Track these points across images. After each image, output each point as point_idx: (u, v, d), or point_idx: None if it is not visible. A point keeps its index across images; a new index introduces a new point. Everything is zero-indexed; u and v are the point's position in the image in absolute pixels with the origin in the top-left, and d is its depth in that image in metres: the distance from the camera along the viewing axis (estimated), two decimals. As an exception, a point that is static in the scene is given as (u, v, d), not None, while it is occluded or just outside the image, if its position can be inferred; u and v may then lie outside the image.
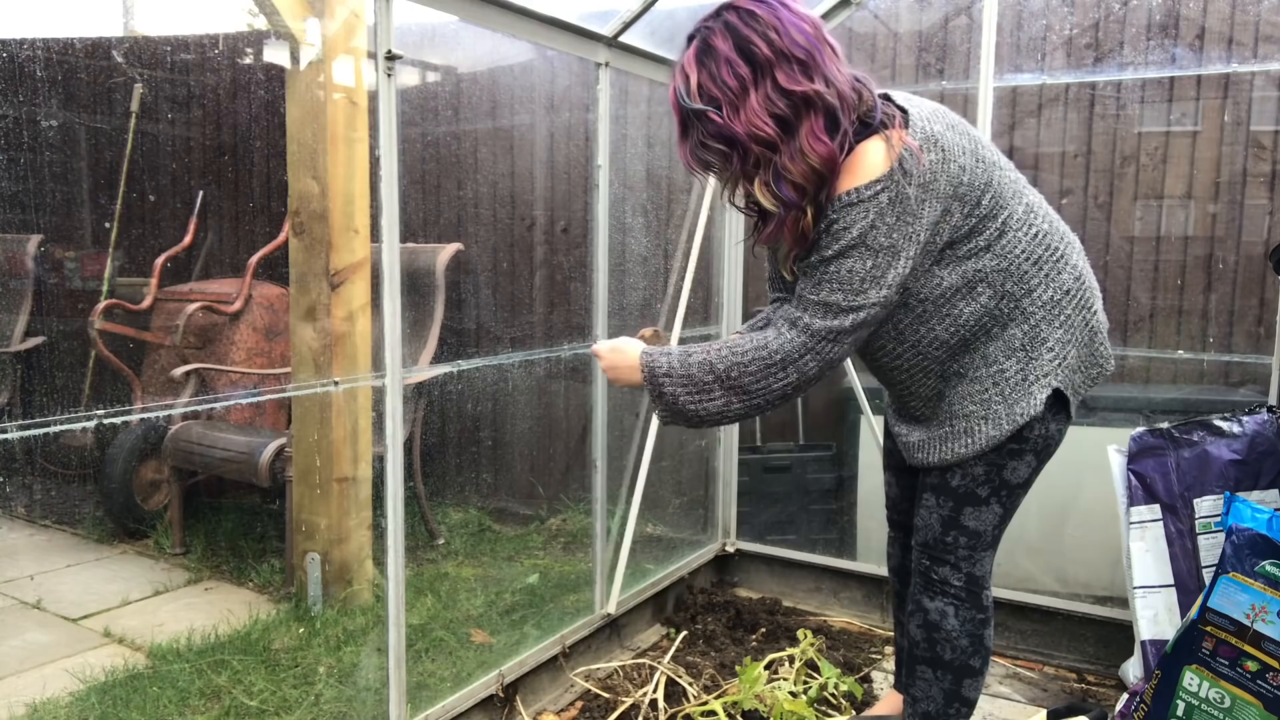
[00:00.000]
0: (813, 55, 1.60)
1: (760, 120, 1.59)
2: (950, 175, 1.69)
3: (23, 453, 4.69)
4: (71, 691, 2.69)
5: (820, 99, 1.60)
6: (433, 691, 2.46)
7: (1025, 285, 1.81)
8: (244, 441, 3.60)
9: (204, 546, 3.82)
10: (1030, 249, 1.81)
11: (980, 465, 1.91)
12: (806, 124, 1.60)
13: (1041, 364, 1.84)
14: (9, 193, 4.67)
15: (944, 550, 1.99)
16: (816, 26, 1.63)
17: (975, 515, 1.95)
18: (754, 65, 1.59)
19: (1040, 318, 1.83)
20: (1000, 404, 1.85)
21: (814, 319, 1.70)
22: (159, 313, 4.43)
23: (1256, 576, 2.04)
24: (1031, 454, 1.91)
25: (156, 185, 5.16)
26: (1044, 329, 1.83)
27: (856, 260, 1.66)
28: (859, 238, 1.64)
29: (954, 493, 1.96)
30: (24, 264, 4.77)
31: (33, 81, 4.64)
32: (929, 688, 2.05)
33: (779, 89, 1.59)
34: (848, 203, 1.64)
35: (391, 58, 2.06)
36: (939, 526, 1.98)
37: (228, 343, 4.25)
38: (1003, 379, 1.84)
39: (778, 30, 1.59)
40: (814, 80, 1.60)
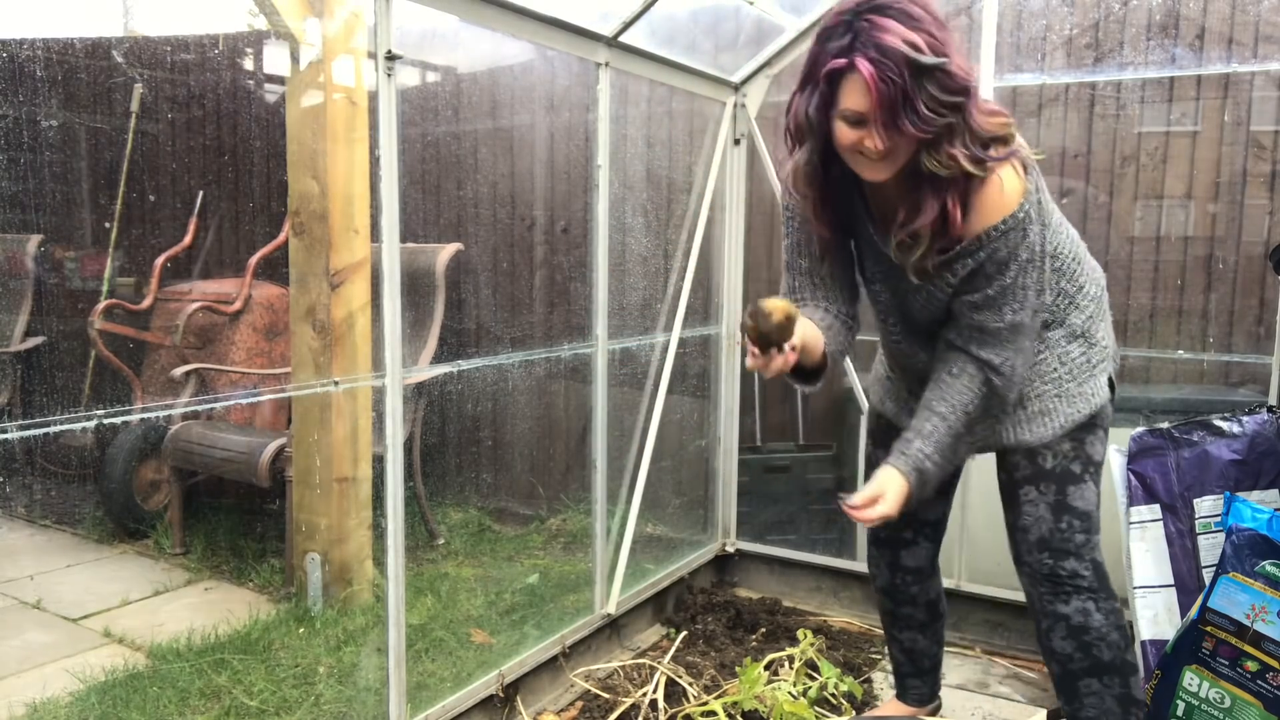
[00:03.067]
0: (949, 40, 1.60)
1: (965, 73, 1.58)
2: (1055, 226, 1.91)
3: (23, 453, 4.68)
4: (71, 691, 2.69)
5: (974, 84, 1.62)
6: (433, 691, 2.46)
7: (1076, 283, 1.95)
8: (244, 441, 3.60)
9: (204, 546, 3.82)
10: (1072, 249, 1.95)
11: (1067, 442, 1.94)
12: (973, 101, 1.62)
13: (1099, 349, 1.97)
14: (9, 193, 4.66)
15: (1063, 541, 1.93)
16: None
17: (1080, 494, 1.94)
18: (942, 27, 1.58)
19: (1091, 311, 1.97)
20: (1071, 383, 1.94)
21: (1004, 353, 1.82)
22: (159, 313, 4.43)
23: (1256, 576, 2.04)
24: (1102, 430, 1.98)
25: (156, 185, 5.16)
26: (1095, 320, 1.98)
27: (1030, 275, 1.78)
28: (1030, 258, 1.76)
29: (1052, 475, 1.94)
30: (24, 264, 4.77)
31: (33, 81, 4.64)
32: (1101, 701, 1.95)
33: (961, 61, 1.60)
34: (1009, 227, 1.73)
35: (391, 58, 2.06)
36: (1050, 516, 1.93)
37: (228, 343, 4.25)
38: (1069, 359, 1.95)
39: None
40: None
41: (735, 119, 3.47)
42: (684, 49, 3.16)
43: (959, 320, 1.84)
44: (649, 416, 3.25)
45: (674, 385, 3.32)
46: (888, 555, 2.31)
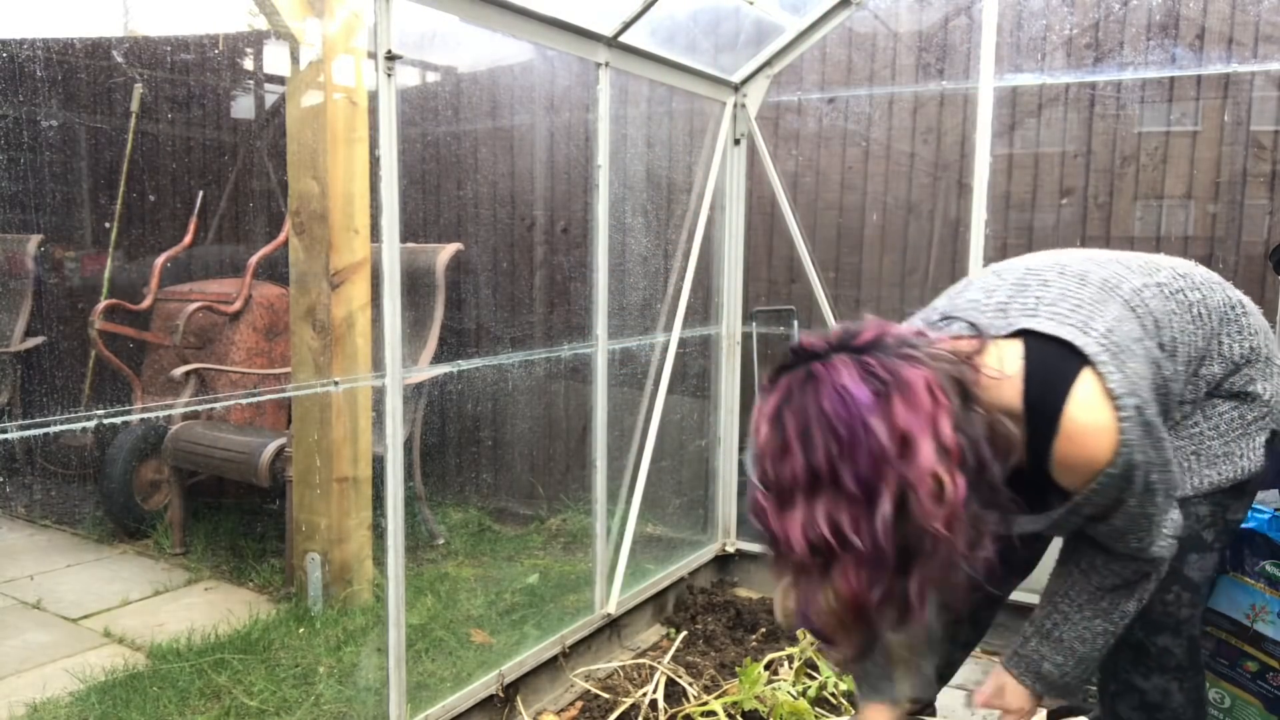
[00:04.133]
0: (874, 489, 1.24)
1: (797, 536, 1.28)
2: (1143, 355, 1.49)
3: (23, 453, 4.69)
4: (71, 691, 2.69)
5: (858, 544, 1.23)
6: (433, 691, 2.46)
7: (1222, 356, 1.64)
8: (244, 441, 3.60)
9: (204, 546, 3.82)
10: (1206, 329, 1.63)
11: (1206, 505, 1.65)
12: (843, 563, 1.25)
13: (1258, 405, 1.65)
14: (9, 193, 4.67)
15: (1163, 614, 1.68)
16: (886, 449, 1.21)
17: (1200, 565, 1.67)
18: (811, 476, 1.26)
19: (1249, 367, 1.66)
20: (1216, 440, 1.64)
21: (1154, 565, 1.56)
22: (159, 313, 4.43)
23: (1256, 576, 2.05)
24: (1249, 496, 1.71)
25: (156, 185, 5.16)
26: (1253, 375, 1.66)
27: (1149, 501, 1.46)
28: (1139, 489, 1.43)
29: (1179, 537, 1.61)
30: (24, 264, 4.77)
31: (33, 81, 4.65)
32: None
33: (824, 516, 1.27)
34: (1102, 485, 1.41)
35: (391, 58, 2.06)
36: (1159, 585, 1.63)
37: (228, 343, 4.25)
38: (1215, 414, 1.65)
39: (834, 447, 1.23)
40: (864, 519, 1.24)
41: (735, 119, 3.47)
42: (684, 49, 3.16)
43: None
44: (649, 416, 3.25)
45: (674, 385, 3.32)
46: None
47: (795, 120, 3.88)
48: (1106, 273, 1.58)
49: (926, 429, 1.21)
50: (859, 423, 1.20)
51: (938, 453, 1.21)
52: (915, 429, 1.20)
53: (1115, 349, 1.41)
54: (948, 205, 3.62)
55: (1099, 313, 1.46)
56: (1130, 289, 1.55)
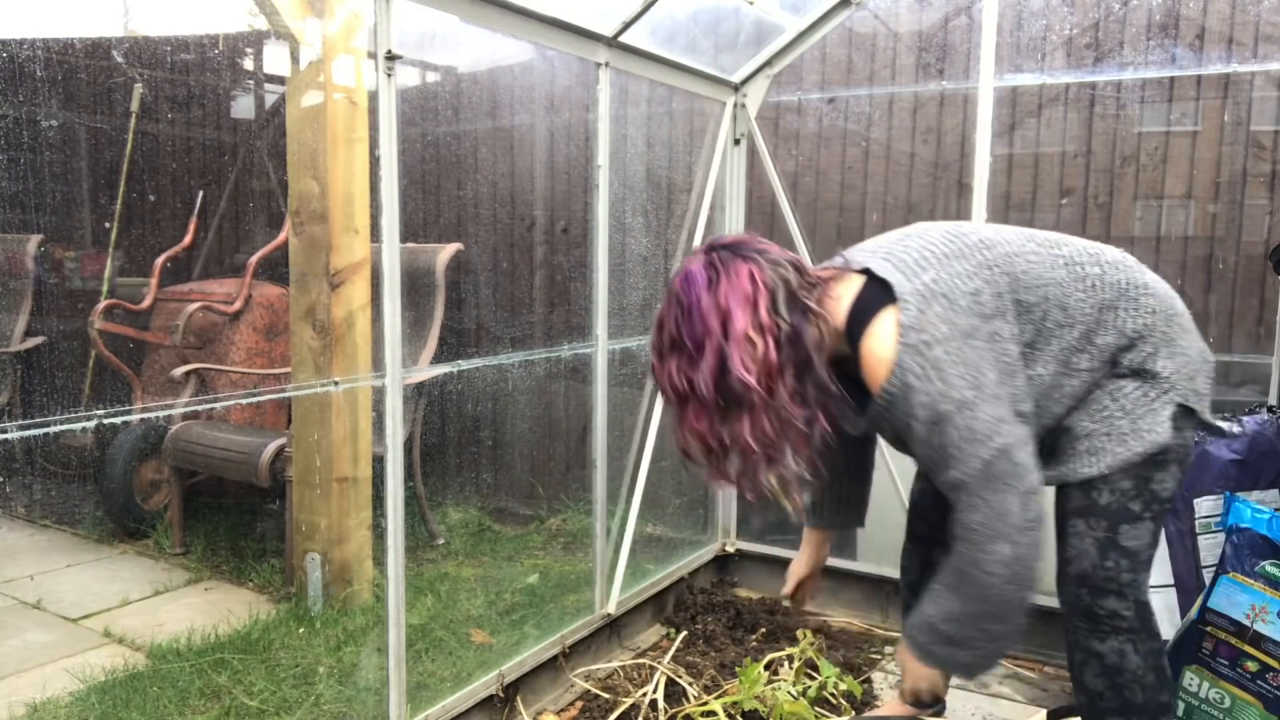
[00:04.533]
0: (698, 349, 1.66)
1: (665, 385, 1.76)
2: (968, 307, 1.69)
3: (23, 453, 4.69)
4: (71, 691, 2.69)
5: (695, 391, 1.67)
6: (433, 691, 2.46)
7: (1115, 327, 1.81)
8: (244, 441, 3.60)
9: (204, 546, 3.82)
10: (1097, 299, 1.81)
11: (1127, 478, 1.80)
12: (691, 406, 1.70)
13: (1160, 382, 1.80)
14: (9, 193, 4.67)
15: (1105, 579, 1.81)
16: (709, 318, 1.65)
17: (1132, 533, 1.80)
18: (670, 341, 1.73)
19: (1143, 343, 1.81)
20: (1123, 419, 1.80)
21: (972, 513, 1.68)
22: (159, 313, 4.43)
23: (1256, 576, 2.05)
24: (1175, 464, 1.83)
25: (156, 185, 5.16)
26: (1151, 351, 1.81)
27: (936, 437, 1.67)
28: (925, 417, 1.66)
29: (1105, 511, 1.81)
30: (24, 264, 4.77)
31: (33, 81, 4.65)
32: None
33: (677, 371, 1.71)
34: (886, 401, 1.70)
35: (391, 58, 2.06)
36: (1096, 552, 1.81)
37: (228, 343, 4.25)
38: (1122, 395, 1.81)
39: (680, 316, 1.69)
40: (699, 374, 1.67)
41: (735, 119, 3.47)
42: (684, 49, 3.16)
43: None
44: (649, 416, 3.25)
45: (674, 385, 3.31)
46: (923, 552, 2.24)
47: (795, 120, 3.88)
48: (991, 238, 1.80)
49: (744, 304, 1.64)
50: (693, 297, 1.66)
51: (752, 324, 1.63)
52: (734, 303, 1.64)
53: (929, 295, 1.67)
54: (948, 205, 3.62)
55: (939, 266, 1.71)
56: (1002, 253, 1.77)
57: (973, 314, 1.68)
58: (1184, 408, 1.81)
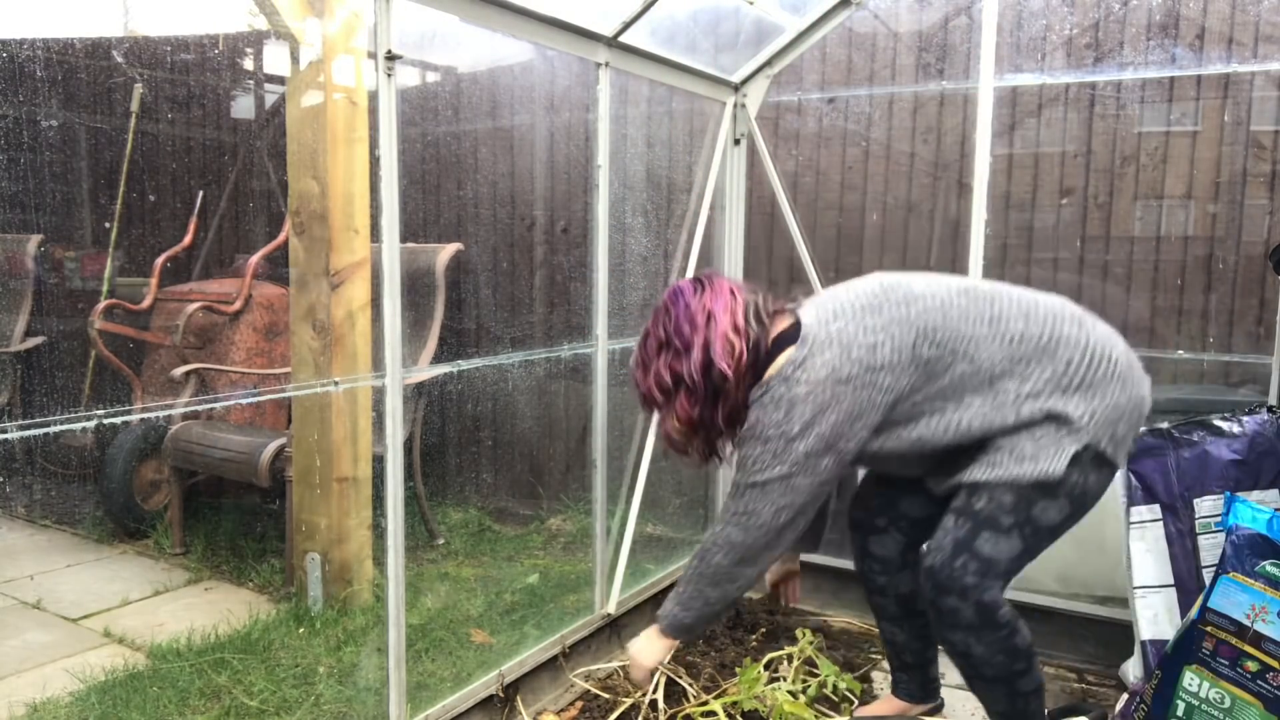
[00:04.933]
0: (687, 345, 2.00)
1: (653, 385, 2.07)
2: (859, 357, 1.92)
3: (23, 453, 4.69)
4: (71, 691, 2.69)
5: (688, 374, 2.00)
6: (433, 691, 2.46)
7: (1025, 376, 1.94)
8: (244, 441, 3.60)
9: (204, 546, 3.82)
10: (1013, 353, 1.94)
11: (1010, 494, 1.92)
12: (680, 393, 2.03)
13: (1070, 423, 1.90)
14: (9, 193, 4.67)
15: (949, 578, 1.94)
16: (696, 320, 2.00)
17: (992, 542, 1.92)
18: (657, 344, 2.06)
19: (1055, 390, 1.92)
20: (1028, 443, 1.91)
21: (730, 500, 2.06)
22: (159, 313, 4.43)
23: (1256, 576, 2.05)
24: (1066, 499, 1.92)
25: (156, 185, 5.16)
26: (1063, 396, 1.92)
27: (748, 446, 1.99)
28: (748, 430, 1.99)
29: (975, 515, 1.94)
30: (24, 264, 4.77)
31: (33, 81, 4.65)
32: (987, 694, 2.07)
33: (668, 365, 2.04)
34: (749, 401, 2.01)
35: (391, 58, 2.06)
36: (950, 550, 1.95)
37: (228, 343, 4.25)
38: (1036, 431, 1.92)
39: (673, 319, 2.04)
40: (685, 362, 2.00)
41: (735, 119, 3.47)
42: (684, 49, 3.16)
43: None
44: (649, 417, 3.25)
45: (674, 385, 3.31)
46: (858, 540, 2.37)
47: (795, 120, 3.88)
48: (919, 293, 1.99)
49: (725, 310, 2.00)
50: (682, 303, 2.03)
51: (730, 326, 1.98)
52: (716, 309, 2.00)
53: (827, 341, 1.93)
54: (948, 205, 3.62)
55: (851, 317, 1.96)
56: (921, 309, 1.96)
57: (861, 363, 1.91)
58: (1094, 451, 1.91)
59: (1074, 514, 1.97)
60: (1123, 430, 1.95)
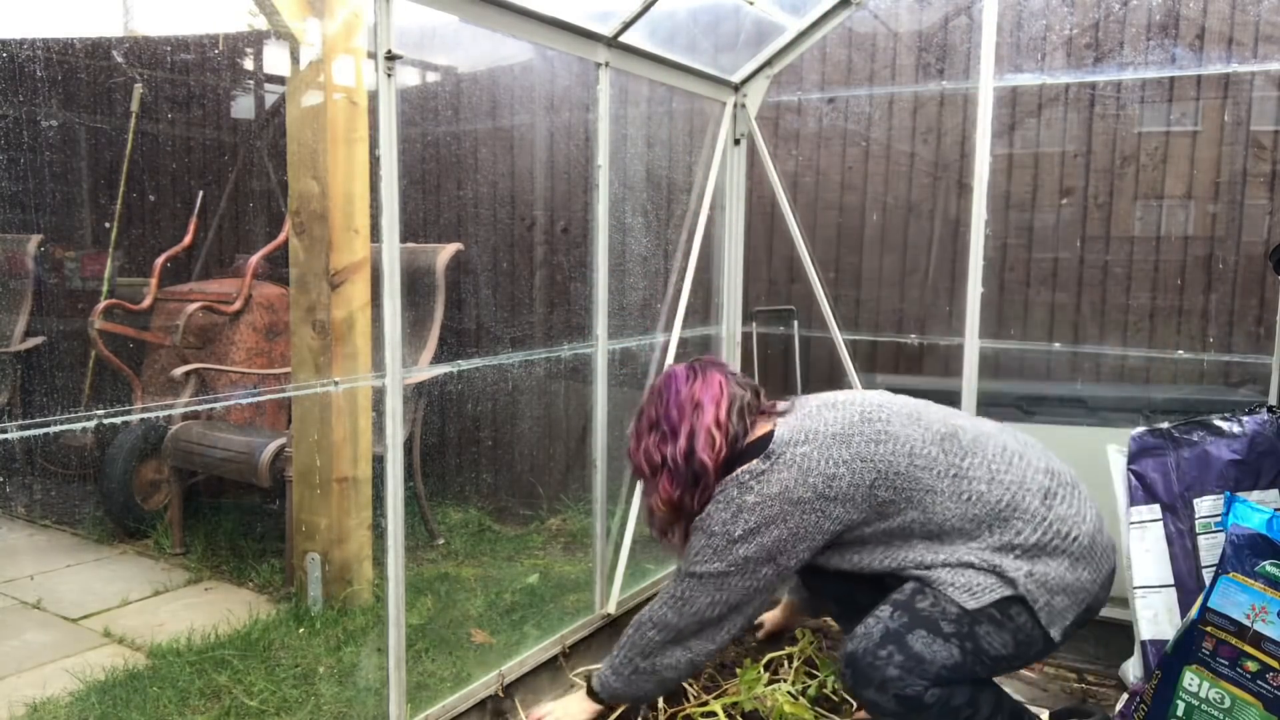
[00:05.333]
0: (674, 430, 2.09)
1: (641, 459, 2.17)
2: (815, 484, 1.95)
3: (23, 453, 4.69)
4: (71, 691, 2.69)
5: (671, 459, 2.09)
6: (433, 691, 2.46)
7: (969, 534, 1.95)
8: (244, 441, 3.60)
9: (204, 546, 3.82)
10: (966, 512, 1.95)
11: (956, 607, 1.89)
12: (663, 474, 2.11)
13: (1004, 577, 1.90)
14: (9, 193, 4.67)
15: (869, 666, 1.87)
16: (689, 402, 2.09)
17: (926, 641, 1.86)
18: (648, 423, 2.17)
19: (1000, 549, 1.93)
20: (964, 578, 1.92)
21: (671, 582, 2.14)
22: (159, 313, 4.43)
23: (1256, 577, 2.04)
24: (1010, 636, 1.89)
25: (156, 185, 5.17)
26: (999, 556, 1.92)
27: (696, 537, 2.06)
28: (699, 521, 2.06)
29: (916, 613, 1.89)
30: (24, 264, 4.77)
31: (33, 81, 4.65)
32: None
33: (656, 444, 2.13)
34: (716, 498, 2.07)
35: (391, 58, 2.06)
36: (877, 636, 1.89)
37: (228, 343, 4.25)
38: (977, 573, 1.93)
39: (664, 403, 2.14)
40: (671, 446, 2.10)
41: (735, 119, 3.47)
42: (684, 49, 3.16)
43: None
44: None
45: (674, 385, 3.31)
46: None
47: (795, 120, 3.88)
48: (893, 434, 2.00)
49: (712, 403, 2.08)
50: (673, 390, 2.13)
51: (714, 420, 2.06)
52: (705, 399, 2.08)
53: (789, 462, 1.98)
54: (948, 205, 3.62)
55: (818, 444, 1.99)
56: (888, 451, 1.97)
57: (815, 490, 1.95)
58: (1030, 608, 1.89)
59: (1015, 657, 1.92)
60: (1060, 604, 1.91)
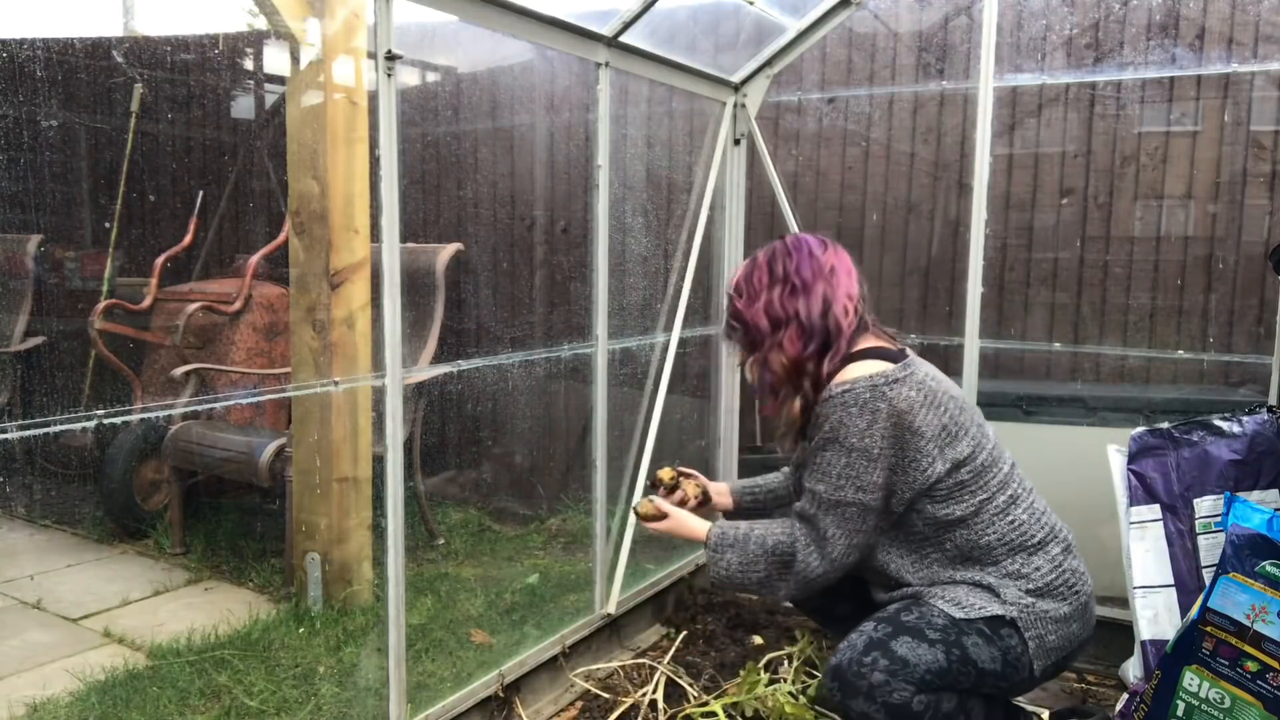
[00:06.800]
0: (808, 287, 2.01)
1: (760, 315, 2.03)
2: (927, 418, 1.90)
3: (23, 453, 4.68)
4: (71, 691, 2.69)
5: (805, 315, 1.99)
6: (433, 691, 2.46)
7: (992, 558, 1.96)
8: (244, 441, 3.60)
9: (204, 546, 3.82)
10: (1005, 534, 1.95)
11: (944, 618, 1.88)
12: (790, 330, 1.99)
13: (998, 597, 1.92)
14: (9, 193, 4.67)
15: (856, 674, 1.81)
16: (823, 270, 2.01)
17: (910, 646, 1.82)
18: (772, 277, 2.03)
19: (1002, 578, 1.94)
20: (960, 594, 1.92)
21: (807, 505, 1.97)
22: (159, 313, 4.43)
23: (1256, 577, 2.04)
24: (1000, 653, 1.88)
25: (156, 185, 5.16)
26: (1003, 582, 1.94)
27: (832, 454, 1.92)
28: (831, 432, 1.92)
29: (900, 623, 1.87)
30: (24, 264, 4.77)
31: (33, 81, 4.64)
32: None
33: (781, 298, 2.01)
34: (825, 398, 1.95)
35: (391, 58, 2.06)
36: (861, 646, 1.85)
37: (228, 343, 4.25)
38: (970, 584, 1.95)
39: (795, 262, 2.03)
40: (805, 301, 2.00)
41: (735, 119, 3.47)
42: (684, 49, 3.16)
43: None
44: (649, 416, 3.25)
45: (674, 385, 3.32)
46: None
47: (795, 120, 3.88)
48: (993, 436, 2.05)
49: (847, 274, 2.04)
50: (806, 249, 2.05)
51: (849, 292, 2.02)
52: (840, 270, 2.03)
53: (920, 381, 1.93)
54: (948, 205, 3.62)
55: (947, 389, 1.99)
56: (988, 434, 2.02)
57: (927, 420, 1.91)
58: (1022, 633, 1.89)
59: (1003, 677, 1.90)
60: (1051, 642, 1.92)
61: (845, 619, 2.22)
